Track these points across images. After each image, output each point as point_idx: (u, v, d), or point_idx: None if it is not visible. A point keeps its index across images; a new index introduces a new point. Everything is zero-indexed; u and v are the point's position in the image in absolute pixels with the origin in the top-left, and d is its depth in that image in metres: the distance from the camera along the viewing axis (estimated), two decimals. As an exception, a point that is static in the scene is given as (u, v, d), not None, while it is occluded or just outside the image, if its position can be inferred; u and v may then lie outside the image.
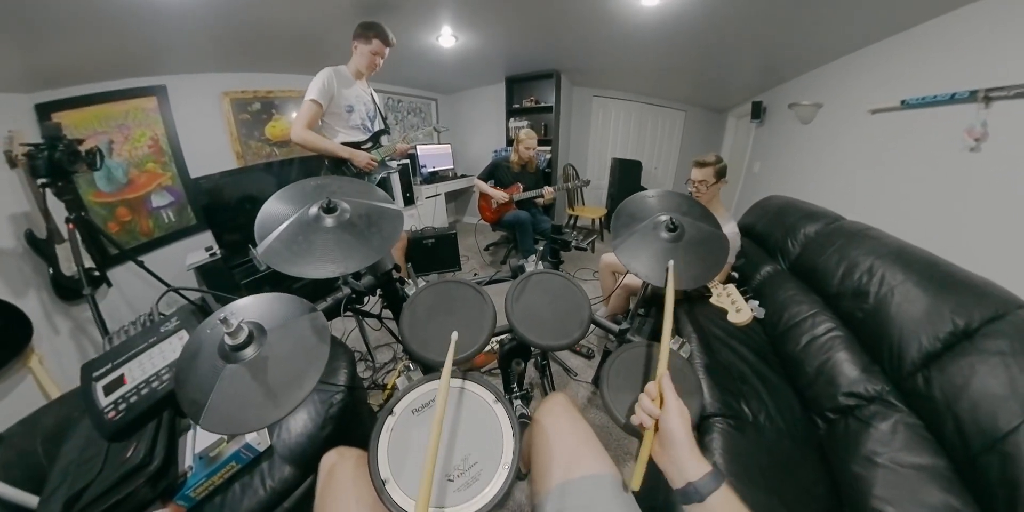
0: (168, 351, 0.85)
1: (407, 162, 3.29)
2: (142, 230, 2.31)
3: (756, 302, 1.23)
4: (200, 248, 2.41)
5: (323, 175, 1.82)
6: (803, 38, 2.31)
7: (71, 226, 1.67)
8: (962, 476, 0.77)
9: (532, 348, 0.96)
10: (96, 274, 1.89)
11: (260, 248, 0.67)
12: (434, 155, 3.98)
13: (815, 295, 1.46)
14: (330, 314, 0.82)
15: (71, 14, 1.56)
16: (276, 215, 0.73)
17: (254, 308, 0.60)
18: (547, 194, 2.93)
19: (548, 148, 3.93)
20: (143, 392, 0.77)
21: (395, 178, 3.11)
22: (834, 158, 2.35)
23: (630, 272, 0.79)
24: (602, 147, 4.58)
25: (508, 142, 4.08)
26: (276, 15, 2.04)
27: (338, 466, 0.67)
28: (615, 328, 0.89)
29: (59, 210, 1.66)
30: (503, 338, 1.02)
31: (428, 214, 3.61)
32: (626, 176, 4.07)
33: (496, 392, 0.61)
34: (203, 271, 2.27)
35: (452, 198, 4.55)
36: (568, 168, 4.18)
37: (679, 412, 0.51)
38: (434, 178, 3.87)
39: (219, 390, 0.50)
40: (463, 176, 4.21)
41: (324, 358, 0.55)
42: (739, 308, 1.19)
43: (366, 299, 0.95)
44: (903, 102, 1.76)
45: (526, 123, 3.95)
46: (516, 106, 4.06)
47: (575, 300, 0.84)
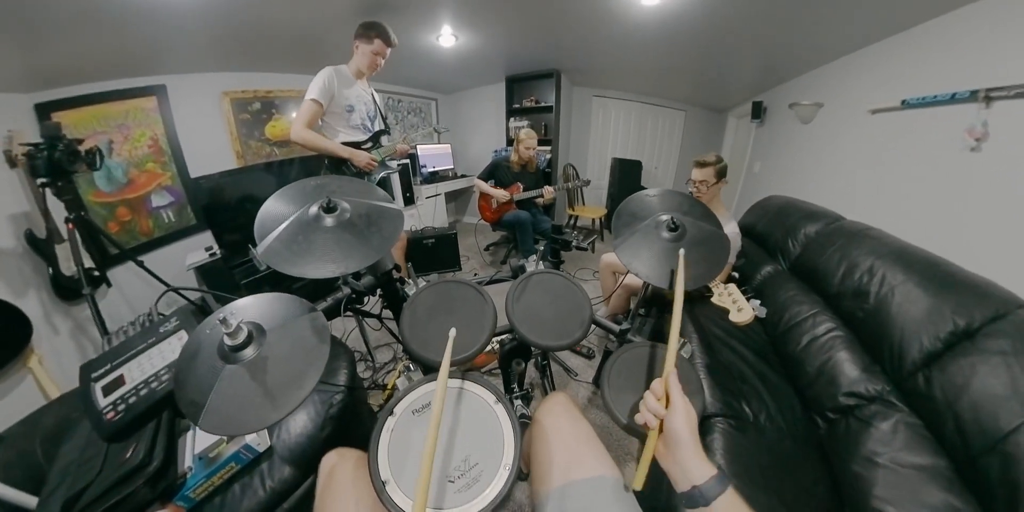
0: (167, 351, 0.85)
1: (407, 162, 3.29)
2: (142, 230, 2.31)
3: (757, 301, 1.23)
4: (200, 248, 2.40)
5: (323, 175, 1.82)
6: (803, 38, 2.31)
7: (71, 226, 1.67)
8: (963, 476, 0.77)
9: (532, 348, 0.96)
10: (96, 274, 1.89)
11: (260, 248, 0.66)
12: (434, 155, 3.98)
13: (816, 295, 1.46)
14: (330, 314, 0.82)
15: (71, 14, 1.56)
16: (276, 215, 0.73)
17: (253, 308, 0.60)
18: (547, 194, 2.93)
19: (548, 148, 3.93)
20: (142, 393, 0.77)
21: (395, 178, 3.11)
22: (834, 158, 2.35)
23: (631, 272, 0.79)
24: (602, 147, 4.57)
25: (508, 142, 4.08)
26: (276, 15, 2.04)
27: (338, 467, 0.66)
28: (616, 328, 0.89)
29: (59, 210, 1.66)
30: (503, 338, 1.02)
31: (428, 214, 3.61)
32: (626, 176, 4.07)
33: (497, 392, 0.61)
34: (203, 271, 2.27)
35: (452, 198, 4.55)
36: (568, 168, 4.18)
37: (685, 412, 0.49)
38: (434, 178, 3.87)
39: (218, 391, 0.50)
40: (463, 176, 4.21)
41: (324, 358, 0.54)
42: (740, 307, 1.19)
43: (366, 299, 0.95)
44: (903, 102, 1.76)
45: (526, 123, 3.95)
46: (516, 106, 4.06)
47: (576, 300, 0.84)
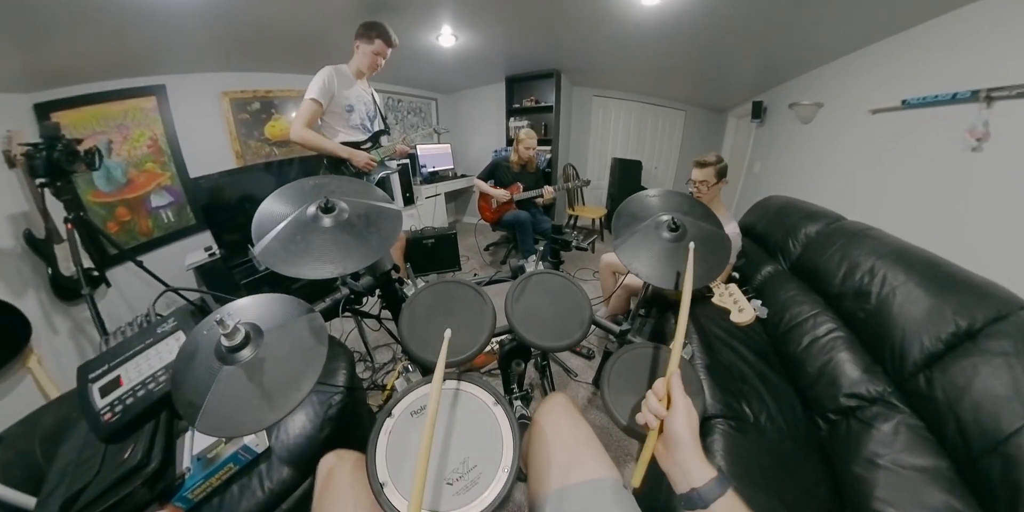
0: (165, 352, 0.84)
1: (407, 162, 3.29)
2: (141, 230, 2.31)
3: (759, 302, 1.22)
4: (199, 248, 2.40)
5: (322, 175, 1.81)
6: (803, 38, 2.31)
7: (70, 226, 1.66)
8: (964, 478, 0.77)
9: (532, 349, 0.96)
10: (95, 274, 1.88)
11: (257, 248, 0.66)
12: (434, 155, 3.98)
13: (816, 295, 1.45)
14: (328, 315, 0.81)
15: (71, 14, 1.56)
16: (274, 215, 0.72)
17: (251, 309, 0.60)
18: (547, 194, 2.93)
19: (548, 148, 3.92)
20: (139, 394, 0.77)
21: (395, 178, 3.10)
22: (834, 158, 2.34)
23: (631, 272, 0.78)
24: (602, 147, 4.57)
25: (508, 142, 4.07)
26: (276, 15, 2.04)
27: (336, 469, 0.66)
28: (616, 329, 0.88)
29: (58, 210, 1.66)
30: (503, 339, 1.02)
31: (428, 214, 3.61)
32: (626, 176, 4.07)
33: (495, 394, 0.60)
34: (202, 271, 2.26)
35: (452, 198, 4.54)
36: (568, 168, 4.18)
37: (686, 413, 0.49)
38: (434, 178, 3.87)
39: (215, 392, 0.50)
40: (463, 176, 4.21)
41: (321, 359, 0.54)
42: (742, 308, 1.18)
43: (365, 300, 0.95)
44: (904, 102, 1.75)
45: (526, 123, 3.95)
46: (516, 106, 4.05)
47: (575, 301, 0.84)
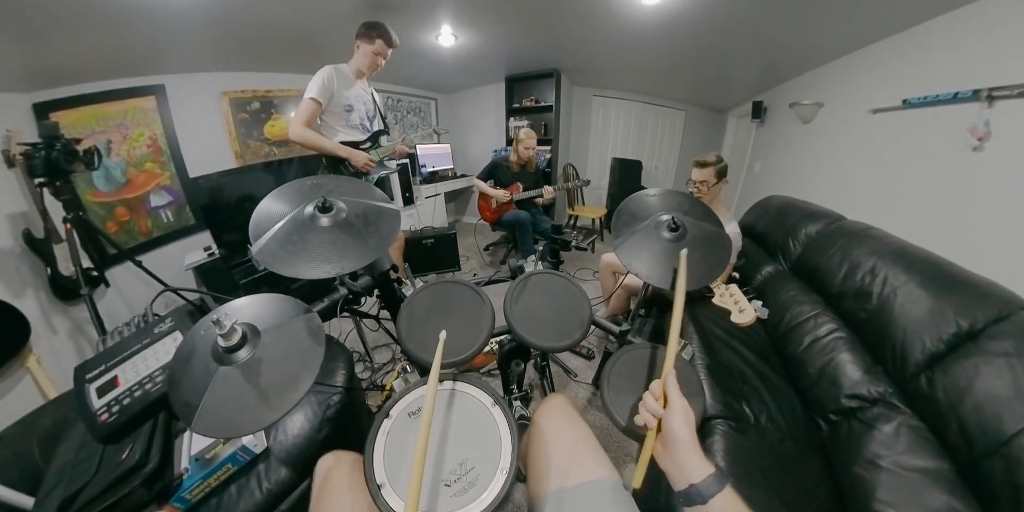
0: (162, 353, 0.84)
1: (406, 162, 3.28)
2: (140, 230, 2.30)
3: (759, 302, 1.22)
4: (199, 248, 2.40)
5: (320, 174, 1.81)
6: (803, 38, 2.31)
7: (69, 226, 1.66)
8: (966, 479, 0.76)
9: (531, 349, 0.95)
10: (94, 274, 1.88)
11: (255, 247, 0.66)
12: (434, 155, 3.98)
13: (817, 295, 1.45)
14: (327, 315, 0.81)
15: (70, 13, 1.55)
16: (271, 214, 0.72)
17: (248, 309, 0.60)
18: (547, 194, 2.92)
19: (548, 148, 3.92)
20: (136, 394, 0.76)
21: (394, 178, 3.10)
22: (835, 158, 2.34)
23: (631, 272, 0.78)
24: (602, 147, 4.57)
25: (508, 142, 4.07)
26: (276, 15, 2.04)
27: (334, 470, 0.66)
28: (616, 329, 0.88)
29: (57, 210, 1.65)
30: (502, 339, 1.02)
31: (427, 214, 3.60)
32: (626, 176, 4.07)
33: (494, 395, 0.60)
34: (201, 271, 2.26)
35: (452, 198, 4.54)
36: (568, 168, 4.17)
37: (683, 412, 0.49)
38: (434, 178, 3.87)
39: (212, 392, 0.49)
40: (463, 176, 4.21)
41: (319, 360, 0.54)
42: (742, 308, 1.18)
43: (363, 300, 0.94)
44: (904, 101, 1.75)
45: (526, 123, 3.94)
46: (516, 106, 4.05)
47: (575, 301, 0.83)
